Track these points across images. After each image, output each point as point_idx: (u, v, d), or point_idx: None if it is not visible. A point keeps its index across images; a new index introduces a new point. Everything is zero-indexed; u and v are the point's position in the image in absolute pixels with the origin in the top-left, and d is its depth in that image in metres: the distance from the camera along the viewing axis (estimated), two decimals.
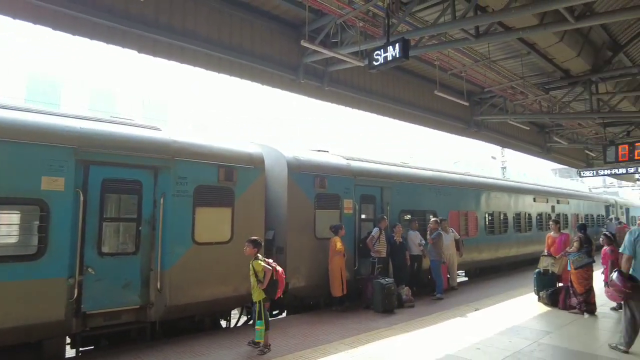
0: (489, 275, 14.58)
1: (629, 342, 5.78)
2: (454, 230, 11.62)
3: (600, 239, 8.67)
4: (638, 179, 32.76)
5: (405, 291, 9.24)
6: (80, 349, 5.87)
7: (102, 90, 27.03)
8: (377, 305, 8.49)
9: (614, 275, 5.71)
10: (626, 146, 12.63)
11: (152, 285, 6.31)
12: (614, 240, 8.80)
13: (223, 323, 7.70)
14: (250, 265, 5.73)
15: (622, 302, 5.88)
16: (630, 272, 5.71)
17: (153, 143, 6.52)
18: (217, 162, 7.17)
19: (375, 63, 6.27)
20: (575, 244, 8.34)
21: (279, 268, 5.87)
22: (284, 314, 8.75)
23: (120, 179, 6.19)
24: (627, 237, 5.88)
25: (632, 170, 18.12)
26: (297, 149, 9.28)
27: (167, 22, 7.37)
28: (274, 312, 8.73)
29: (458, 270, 12.33)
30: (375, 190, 10.38)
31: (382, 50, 6.16)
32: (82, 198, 5.70)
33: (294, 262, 8.26)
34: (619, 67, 11.20)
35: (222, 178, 7.20)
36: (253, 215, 7.66)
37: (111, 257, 6.01)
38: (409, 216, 11.06)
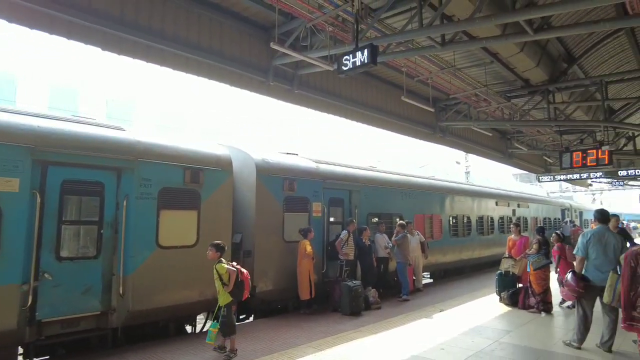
0: (453, 276, 14.97)
1: (581, 338, 6.08)
2: (420, 233, 11.87)
3: (552, 237, 9.13)
4: (590, 184, 34.58)
5: (373, 293, 9.35)
6: (35, 359, 5.60)
7: (63, 87, 25.94)
8: (345, 308, 8.54)
9: (569, 275, 6.00)
10: (579, 153, 13.29)
11: (114, 290, 6.10)
12: (562, 239, 9.26)
13: (188, 328, 7.53)
14: (214, 269, 5.64)
15: (575, 301, 6.19)
16: (583, 272, 6.02)
17: (116, 143, 6.32)
18: (182, 164, 7.03)
19: (344, 68, 6.34)
20: (535, 246, 8.71)
21: (243, 270, 5.83)
22: (251, 318, 8.66)
23: (81, 180, 5.96)
24: (580, 239, 6.19)
25: (584, 175, 19.11)
26: (266, 152, 9.23)
27: (133, 19, 7.18)
28: (241, 317, 8.63)
29: (423, 272, 12.60)
30: (343, 193, 10.46)
31: (351, 55, 6.23)
32: (39, 200, 5.45)
33: (261, 265, 8.20)
34: (573, 79, 11.82)
35: (188, 180, 7.06)
36: (220, 218, 7.55)
37: (70, 262, 5.76)
38: (377, 219, 11.22)
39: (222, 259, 5.72)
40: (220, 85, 9.57)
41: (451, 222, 14.84)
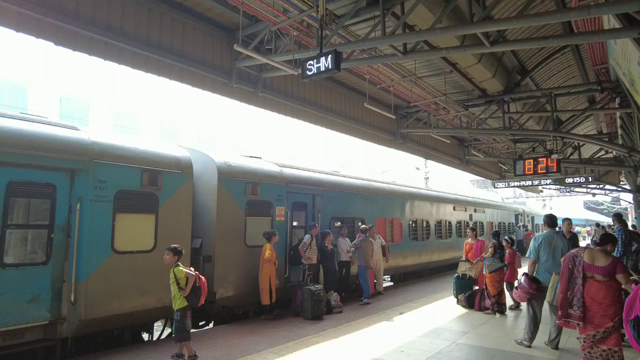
0: (413, 279, 15.31)
1: (532, 337, 6.38)
2: (381, 237, 12.07)
3: (503, 242, 9.56)
4: (541, 191, 36.43)
5: (334, 297, 9.40)
6: None
7: (12, 84, 24.48)
8: (307, 312, 8.53)
9: (522, 278, 6.28)
10: (531, 161, 13.97)
11: (64, 298, 5.79)
12: (512, 244, 9.71)
13: (145, 336, 7.27)
14: (171, 273, 5.44)
15: (526, 302, 6.48)
16: (535, 274, 6.32)
17: (70, 144, 6.03)
18: (140, 166, 6.81)
19: (308, 72, 6.36)
20: (490, 250, 9.06)
21: (201, 276, 5.69)
22: (211, 325, 8.47)
23: (31, 181, 5.64)
24: (532, 243, 6.51)
25: (536, 182, 20.11)
26: (228, 155, 9.10)
27: (90, 15, 6.89)
28: (200, 323, 8.43)
29: (384, 275, 12.81)
30: (307, 197, 10.48)
31: (315, 60, 6.27)
32: None
33: (222, 271, 8.06)
34: (526, 90, 12.45)
35: (146, 183, 6.84)
36: (179, 223, 7.36)
37: (15, 269, 5.42)
38: (339, 223, 11.31)
39: (180, 263, 5.56)
40: (182, 86, 9.34)
41: (411, 226, 15.19)
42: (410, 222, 15.17)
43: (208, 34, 8.74)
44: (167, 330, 7.87)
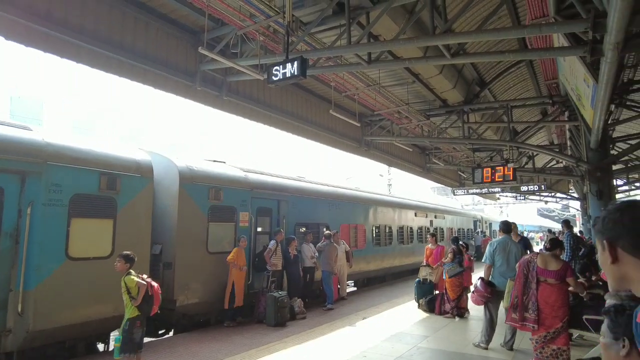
0: (376, 284, 15.50)
1: (488, 340, 6.62)
2: (345, 243, 12.16)
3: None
4: (498, 198, 37.91)
5: (298, 303, 9.37)
6: None
7: None
8: (270, 319, 8.45)
9: (478, 282, 6.51)
10: (489, 169, 14.53)
11: (10, 309, 5.46)
12: (467, 249, 10.10)
13: (101, 346, 6.95)
14: (122, 282, 5.14)
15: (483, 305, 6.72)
16: (490, 279, 6.56)
17: (20, 144, 5.73)
18: (98, 169, 6.56)
19: (274, 78, 6.35)
20: (449, 255, 9.32)
21: (154, 283, 5.37)
22: (171, 333, 8.23)
23: None
24: (487, 248, 6.76)
25: (493, 190, 20.90)
26: (191, 159, 8.92)
27: (46, 9, 6.58)
28: (160, 332, 8.16)
29: (348, 280, 12.90)
30: (272, 203, 10.41)
31: (281, 66, 6.27)
32: None
33: (183, 278, 7.86)
34: (485, 101, 12.97)
35: (104, 186, 6.59)
36: (138, 228, 7.13)
37: None
38: (304, 229, 11.31)
39: (132, 270, 5.24)
40: (146, 88, 9.08)
41: (374, 232, 15.40)
42: (374, 228, 15.37)
43: (172, 35, 8.57)
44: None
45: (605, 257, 1.26)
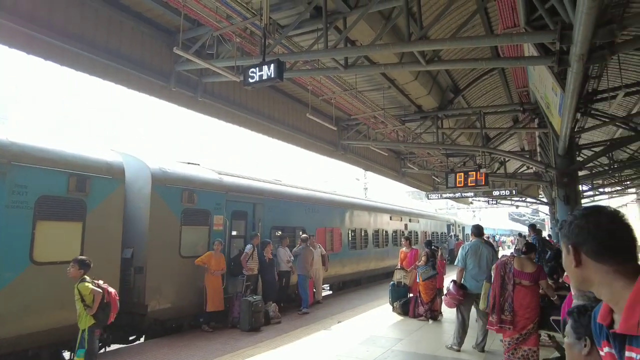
0: (351, 288, 15.56)
1: (460, 342, 6.73)
2: (321, 246, 12.16)
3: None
4: (471, 202, 38.76)
5: (273, 308, 9.30)
6: None
7: None
8: (244, 324, 8.36)
9: (450, 285, 6.62)
10: (462, 174, 14.82)
11: None
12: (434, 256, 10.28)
13: (67, 354, 6.71)
14: (76, 289, 4.86)
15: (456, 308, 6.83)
16: (462, 281, 6.69)
17: None
18: (67, 170, 6.35)
19: (250, 80, 6.31)
20: (423, 258, 9.45)
21: (111, 289, 5.14)
22: (142, 340, 8.02)
23: None
24: (460, 252, 6.90)
25: (466, 194, 21.35)
26: (164, 160, 8.75)
27: (12, 3, 6.35)
28: (130, 338, 7.95)
29: (323, 284, 12.90)
30: (247, 206, 10.32)
31: (257, 68, 6.23)
32: None
33: (154, 282, 7.69)
34: (458, 108, 13.25)
35: (73, 188, 6.38)
36: (108, 231, 6.94)
37: None
38: (280, 232, 11.25)
39: (87, 277, 4.97)
40: (118, 88, 8.86)
41: (350, 235, 15.47)
42: (350, 231, 15.44)
43: (147, 34, 8.40)
44: None
45: (570, 261, 1.31)
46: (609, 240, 1.24)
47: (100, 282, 5.07)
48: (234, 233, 10.07)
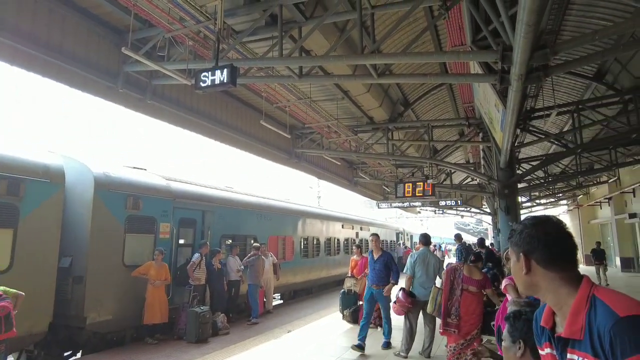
0: (303, 296, 15.50)
1: (408, 348, 6.88)
2: (273, 255, 12.04)
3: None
4: (419, 212, 40.07)
5: (221, 318, 9.06)
6: None
7: None
8: (190, 335, 8.08)
9: (399, 293, 6.77)
10: (410, 184, 15.30)
11: None
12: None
13: None
14: None
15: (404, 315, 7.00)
16: (411, 289, 6.87)
17: None
18: None
19: (202, 84, 6.18)
20: None
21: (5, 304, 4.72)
22: (79, 355, 7.52)
23: None
24: (408, 260, 7.08)
25: (414, 204, 22.05)
26: (108, 165, 8.34)
27: None
28: (66, 354, 7.43)
29: (275, 293, 12.76)
30: (196, 213, 10.03)
31: (210, 72, 6.12)
32: None
33: (95, 293, 7.26)
34: (408, 120, 13.73)
35: (3, 192, 5.92)
36: (44, 239, 6.48)
37: None
38: (230, 241, 11.02)
39: None
40: (60, 86, 8.35)
41: (303, 244, 15.45)
42: (302, 240, 15.43)
43: (94, 32, 8.01)
44: None
45: (519, 268, 1.37)
46: (557, 249, 1.31)
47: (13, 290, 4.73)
48: (181, 241, 9.74)
